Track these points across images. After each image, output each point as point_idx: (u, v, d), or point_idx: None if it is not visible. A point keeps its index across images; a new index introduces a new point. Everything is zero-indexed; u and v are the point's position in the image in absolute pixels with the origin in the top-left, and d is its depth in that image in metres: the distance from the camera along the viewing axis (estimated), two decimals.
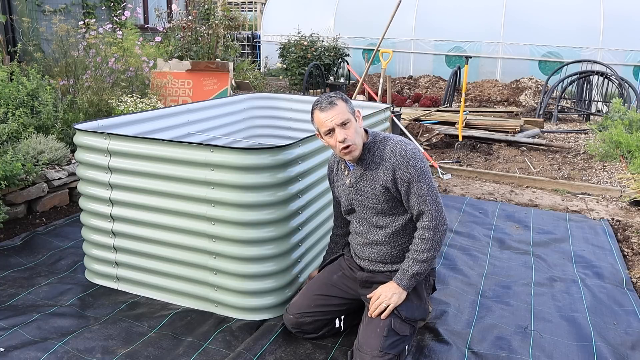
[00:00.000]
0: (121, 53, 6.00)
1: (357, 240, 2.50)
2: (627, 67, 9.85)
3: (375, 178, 2.32)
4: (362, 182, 2.36)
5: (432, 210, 2.26)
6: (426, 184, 2.26)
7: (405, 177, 2.25)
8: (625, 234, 4.03)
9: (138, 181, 2.70)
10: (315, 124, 2.32)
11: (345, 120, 2.24)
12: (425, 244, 2.27)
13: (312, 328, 2.49)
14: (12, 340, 2.45)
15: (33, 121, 4.52)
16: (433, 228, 2.27)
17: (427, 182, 2.27)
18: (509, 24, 10.63)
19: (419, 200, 2.26)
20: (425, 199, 2.26)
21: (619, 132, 6.17)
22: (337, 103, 2.25)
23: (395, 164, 2.26)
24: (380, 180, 2.30)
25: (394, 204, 2.34)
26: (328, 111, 2.24)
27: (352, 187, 2.40)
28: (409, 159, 2.26)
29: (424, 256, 2.28)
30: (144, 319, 2.67)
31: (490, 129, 7.22)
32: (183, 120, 3.63)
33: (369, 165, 2.33)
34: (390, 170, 2.28)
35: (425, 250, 2.28)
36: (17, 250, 3.39)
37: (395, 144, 2.31)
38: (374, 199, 2.34)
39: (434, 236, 2.27)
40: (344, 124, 2.24)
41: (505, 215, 4.34)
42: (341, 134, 2.24)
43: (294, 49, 10.63)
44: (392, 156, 2.28)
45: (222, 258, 2.61)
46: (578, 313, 2.85)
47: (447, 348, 2.49)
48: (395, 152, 2.28)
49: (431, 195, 2.27)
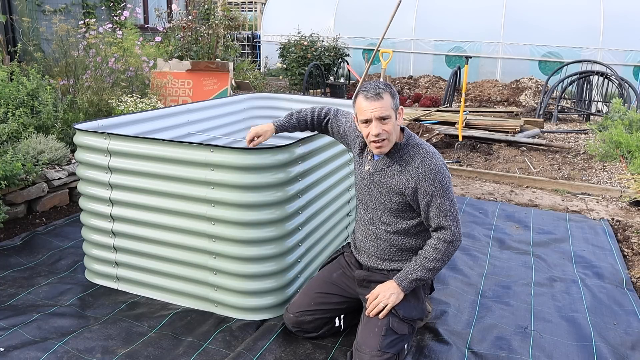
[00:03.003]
0: (121, 53, 6.00)
1: (360, 229, 2.52)
2: (627, 67, 9.85)
3: (395, 178, 2.32)
4: (379, 176, 2.36)
5: (452, 226, 2.28)
6: (449, 200, 2.28)
7: (430, 190, 2.25)
8: (625, 234, 4.03)
9: (138, 181, 2.70)
10: (356, 108, 2.29)
11: (385, 116, 2.22)
12: (437, 254, 2.29)
13: (312, 327, 2.49)
14: (12, 340, 2.45)
15: (33, 121, 4.52)
16: (449, 242, 2.29)
17: (450, 198, 2.29)
18: (509, 24, 10.63)
19: (439, 215, 2.27)
20: (447, 214, 2.27)
21: (619, 132, 6.17)
22: (384, 97, 2.22)
23: (422, 174, 2.26)
24: (400, 183, 2.30)
25: (403, 208, 2.35)
26: (372, 101, 2.21)
27: (368, 175, 2.40)
28: (437, 173, 2.26)
29: (432, 265, 2.30)
30: (144, 319, 2.67)
31: (490, 129, 7.22)
32: (183, 120, 3.63)
33: (393, 164, 2.33)
34: (414, 178, 2.27)
35: (435, 260, 2.29)
36: (17, 250, 3.39)
37: (426, 154, 2.30)
38: (386, 196, 2.35)
39: (447, 249, 2.29)
40: (384, 118, 2.22)
41: (505, 215, 4.35)
42: (377, 127, 2.21)
43: (294, 49, 10.63)
44: (421, 166, 2.27)
45: (222, 258, 2.61)
46: (578, 313, 2.85)
47: (447, 348, 2.50)
48: (425, 163, 2.27)
49: (452, 212, 2.28)
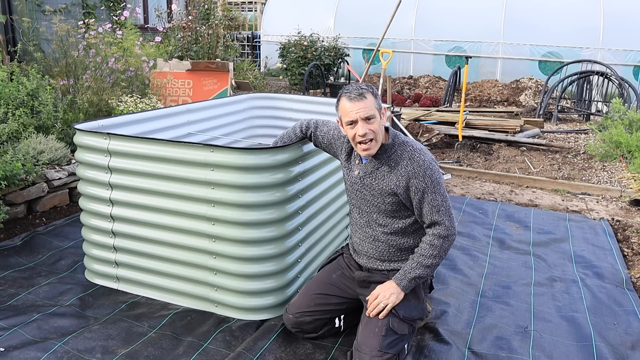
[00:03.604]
0: (121, 53, 6.00)
1: (357, 233, 2.51)
2: (627, 67, 9.85)
3: (386, 180, 2.31)
4: (370, 179, 2.36)
5: (446, 220, 2.28)
6: (440, 195, 2.28)
7: (421, 187, 2.25)
8: (625, 234, 4.03)
9: (138, 181, 2.70)
10: (340, 111, 2.29)
11: (370, 116, 2.22)
12: (433, 251, 2.29)
13: (312, 327, 2.49)
14: (12, 340, 2.45)
15: (33, 121, 4.52)
16: (444, 237, 2.29)
17: (442, 193, 2.29)
18: (509, 24, 10.63)
19: (432, 211, 2.27)
20: (439, 209, 2.27)
21: (619, 132, 6.17)
22: (367, 96, 2.23)
23: (412, 172, 2.26)
24: (392, 183, 2.30)
25: (397, 208, 2.35)
26: (356, 102, 2.21)
27: (359, 179, 2.40)
28: (426, 169, 2.26)
29: (429, 262, 2.30)
30: (144, 319, 2.67)
31: (490, 129, 7.22)
32: (183, 120, 3.63)
33: (382, 166, 2.33)
34: (404, 177, 2.27)
35: (431, 257, 2.29)
36: (17, 250, 3.39)
37: (414, 151, 2.30)
38: (379, 198, 2.35)
39: (442, 244, 2.29)
40: (369, 118, 2.22)
41: (505, 215, 4.35)
42: (363, 128, 2.21)
43: (294, 49, 10.63)
44: (410, 164, 2.27)
45: (222, 258, 2.61)
46: (578, 313, 2.85)
47: (447, 348, 2.49)
48: (414, 161, 2.27)
49: (444, 206, 2.28)
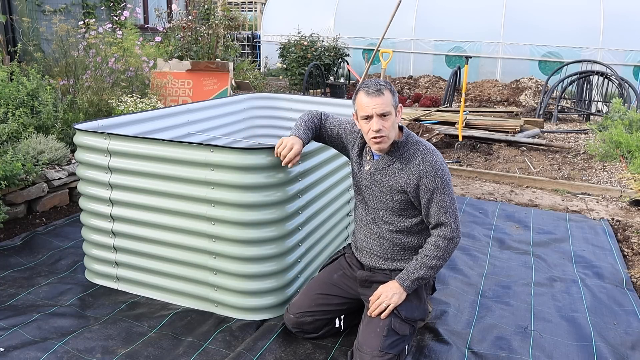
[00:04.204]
0: (121, 53, 6.00)
1: (362, 230, 2.52)
2: (627, 67, 9.85)
3: (397, 177, 2.33)
4: (381, 175, 2.37)
5: (452, 222, 2.30)
6: (449, 197, 2.30)
7: (431, 186, 2.27)
8: (625, 234, 4.03)
9: (138, 181, 2.70)
10: (356, 105, 2.31)
11: (386, 112, 2.24)
12: (438, 252, 2.30)
13: (313, 327, 2.49)
14: (12, 340, 2.45)
15: (33, 121, 4.52)
16: (449, 239, 2.30)
17: (450, 195, 2.31)
18: (509, 24, 10.63)
19: (440, 211, 2.29)
20: (447, 210, 2.29)
21: (619, 132, 6.17)
22: (384, 93, 2.25)
23: (423, 171, 2.28)
24: (402, 181, 2.31)
25: (405, 206, 2.36)
26: (373, 98, 2.24)
27: (369, 175, 2.41)
28: (438, 169, 2.29)
29: (434, 263, 2.30)
30: (144, 319, 2.67)
31: (490, 129, 7.22)
32: (183, 120, 3.63)
33: (394, 163, 2.34)
34: (415, 176, 2.29)
35: (436, 258, 2.30)
36: (17, 250, 3.39)
37: (427, 151, 2.33)
38: (388, 195, 2.36)
39: (447, 246, 2.30)
40: (384, 115, 2.24)
41: (505, 215, 4.34)
42: (378, 124, 2.23)
43: (294, 49, 10.63)
44: (422, 163, 2.29)
45: (222, 258, 2.61)
46: (578, 313, 2.85)
47: (447, 348, 2.49)
48: (426, 160, 2.29)
49: (452, 209, 2.31)
